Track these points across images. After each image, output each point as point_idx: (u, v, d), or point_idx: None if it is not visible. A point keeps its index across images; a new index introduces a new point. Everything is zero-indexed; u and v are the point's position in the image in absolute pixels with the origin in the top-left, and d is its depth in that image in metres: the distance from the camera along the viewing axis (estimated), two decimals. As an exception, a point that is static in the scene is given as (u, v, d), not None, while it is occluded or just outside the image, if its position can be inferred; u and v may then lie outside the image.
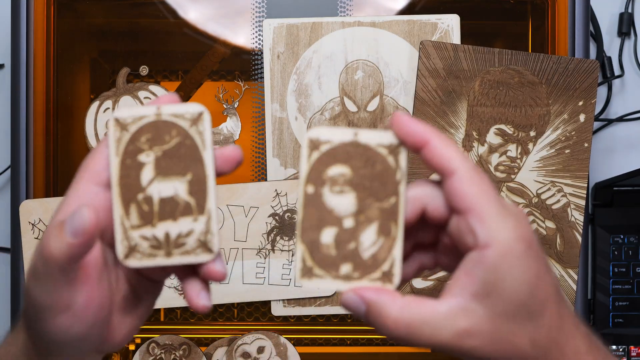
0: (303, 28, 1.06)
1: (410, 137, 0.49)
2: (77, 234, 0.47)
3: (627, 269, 1.10)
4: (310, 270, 0.50)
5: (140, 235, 0.50)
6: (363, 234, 0.50)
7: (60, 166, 1.09)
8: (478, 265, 0.47)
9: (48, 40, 1.07)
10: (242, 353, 1.06)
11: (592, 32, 1.15)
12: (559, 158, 1.06)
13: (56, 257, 0.47)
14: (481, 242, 0.47)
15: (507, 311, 0.47)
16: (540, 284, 0.48)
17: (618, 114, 1.18)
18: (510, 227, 0.47)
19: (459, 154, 0.49)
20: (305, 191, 0.50)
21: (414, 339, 0.48)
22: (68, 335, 0.49)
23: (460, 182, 0.48)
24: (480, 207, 0.47)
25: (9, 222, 1.07)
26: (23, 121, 1.05)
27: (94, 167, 0.51)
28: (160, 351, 1.06)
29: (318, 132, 0.50)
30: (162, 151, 0.51)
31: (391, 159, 0.50)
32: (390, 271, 0.50)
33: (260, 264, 1.06)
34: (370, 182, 0.50)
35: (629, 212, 1.11)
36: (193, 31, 1.07)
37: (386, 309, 0.48)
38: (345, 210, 0.50)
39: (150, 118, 0.51)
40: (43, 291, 0.48)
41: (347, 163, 0.50)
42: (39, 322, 0.49)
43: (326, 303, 1.06)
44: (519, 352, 0.48)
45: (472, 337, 0.47)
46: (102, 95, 1.07)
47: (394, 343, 1.09)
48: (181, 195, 0.51)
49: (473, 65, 1.05)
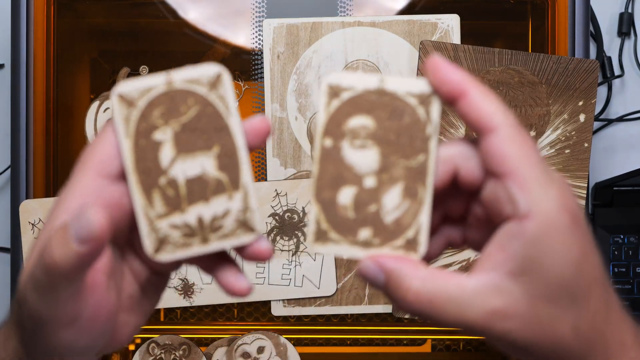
0: (303, 28, 1.06)
1: (446, 85, 0.43)
2: (84, 240, 0.40)
3: (627, 269, 1.10)
4: (324, 234, 0.44)
5: (169, 224, 0.44)
6: (386, 195, 0.44)
7: (60, 166, 1.08)
8: (516, 239, 0.41)
9: (48, 40, 1.07)
10: (242, 353, 1.06)
11: (592, 32, 1.15)
12: (559, 158, 1.06)
13: (61, 268, 0.40)
14: (521, 212, 0.41)
15: (548, 293, 0.41)
16: (587, 264, 0.42)
17: (618, 114, 1.18)
18: (554, 196, 0.41)
19: (501, 108, 0.42)
20: (323, 144, 0.44)
21: (438, 316, 0.42)
22: (73, 348, 0.44)
23: (500, 142, 0.42)
24: (523, 171, 0.41)
25: (9, 222, 1.07)
26: (23, 121, 1.05)
27: (99, 156, 0.44)
28: (160, 351, 1.06)
29: (339, 78, 0.44)
30: (180, 125, 0.44)
31: (422, 110, 0.44)
32: (415, 239, 0.44)
33: (260, 264, 1.06)
34: (396, 136, 0.44)
35: (629, 212, 1.11)
36: (193, 31, 1.07)
37: (407, 280, 0.42)
38: (366, 167, 0.44)
39: (160, 88, 0.44)
40: (45, 303, 0.42)
41: (370, 114, 0.44)
42: (38, 335, 0.44)
43: (326, 303, 1.06)
44: (559, 341, 0.42)
45: (506, 319, 0.41)
46: (102, 95, 1.07)
47: (394, 342, 1.09)
48: (210, 172, 0.44)
49: (473, 65, 1.05)
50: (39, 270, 0.42)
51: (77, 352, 0.44)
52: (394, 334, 1.08)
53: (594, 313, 0.43)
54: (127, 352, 1.09)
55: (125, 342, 0.48)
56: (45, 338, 0.44)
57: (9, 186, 1.10)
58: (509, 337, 0.42)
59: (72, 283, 0.42)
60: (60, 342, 0.43)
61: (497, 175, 0.42)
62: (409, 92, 0.44)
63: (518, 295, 0.41)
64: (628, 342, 0.44)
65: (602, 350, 0.43)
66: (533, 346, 0.42)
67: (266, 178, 1.06)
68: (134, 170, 0.44)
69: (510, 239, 0.42)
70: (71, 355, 0.45)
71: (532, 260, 0.41)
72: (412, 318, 1.05)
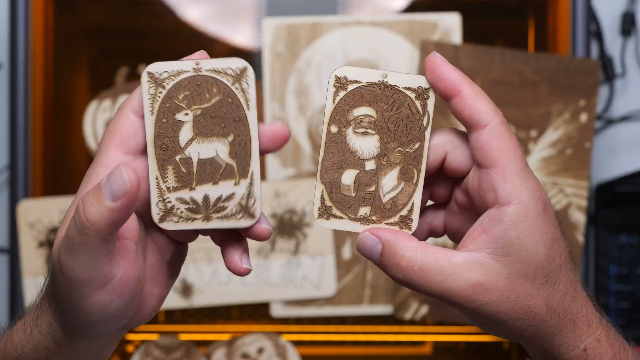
0: (303, 27, 1.05)
1: (443, 83, 0.48)
2: (117, 196, 0.43)
3: (629, 270, 1.09)
4: (329, 210, 0.50)
5: (177, 197, 0.48)
6: (384, 177, 0.49)
7: (59, 166, 1.08)
8: (497, 223, 0.47)
9: (47, 40, 1.07)
10: (242, 354, 1.05)
11: (594, 31, 1.15)
12: (560, 158, 1.06)
13: (96, 225, 0.43)
14: (503, 199, 0.46)
15: (526, 271, 0.47)
16: (557, 248, 0.48)
17: (620, 114, 1.17)
18: (531, 187, 0.47)
19: (491, 106, 0.47)
20: (329, 130, 0.49)
21: (426, 284, 0.47)
22: (106, 311, 0.46)
23: (489, 137, 0.47)
24: (506, 163, 0.47)
25: (7, 222, 1.06)
26: (21, 121, 1.05)
27: (121, 133, 0.48)
28: (159, 352, 1.06)
29: (346, 71, 0.49)
30: (201, 110, 0.48)
31: (419, 103, 0.49)
32: (409, 216, 0.50)
33: (260, 264, 1.06)
34: (395, 125, 0.49)
35: (630, 213, 1.10)
36: (192, 30, 1.07)
37: (402, 249, 0.48)
38: (368, 152, 0.49)
39: (188, 74, 0.48)
40: (81, 265, 0.44)
41: (373, 105, 0.49)
42: (74, 299, 0.46)
43: (326, 304, 1.06)
44: (534, 315, 0.47)
45: (487, 292, 0.47)
46: (101, 95, 1.07)
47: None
48: (223, 157, 0.49)
49: (474, 64, 1.05)
50: (74, 232, 0.44)
51: (110, 317, 0.47)
52: (395, 335, 1.08)
53: (564, 293, 0.48)
54: (125, 354, 1.08)
55: (150, 315, 0.50)
56: (80, 302, 0.46)
57: (7, 186, 1.10)
58: (487, 308, 0.47)
59: (106, 243, 0.44)
60: (94, 305, 0.46)
61: (482, 165, 0.47)
62: (409, 86, 0.49)
63: (499, 272, 0.47)
64: (594, 322, 0.49)
65: (571, 326, 0.48)
66: (510, 319, 0.47)
67: (266, 178, 1.05)
68: (153, 144, 0.48)
69: (493, 223, 0.47)
70: (103, 324, 0.47)
71: (512, 242, 0.46)
72: (412, 319, 1.05)
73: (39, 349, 0.49)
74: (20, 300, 1.06)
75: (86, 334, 0.48)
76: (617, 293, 1.09)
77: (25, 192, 1.05)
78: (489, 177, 0.47)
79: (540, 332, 0.48)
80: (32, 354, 0.49)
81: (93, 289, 0.45)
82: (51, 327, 0.48)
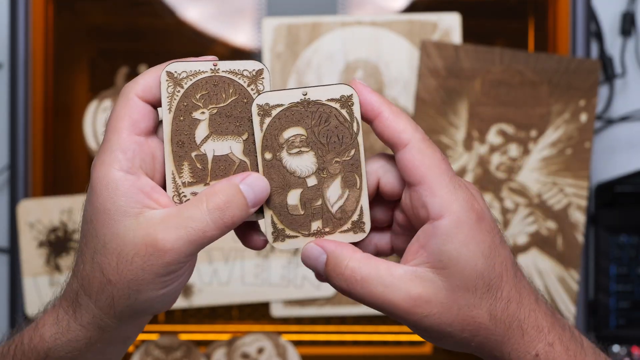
0: (303, 27, 1.05)
1: (363, 107, 0.50)
2: (256, 204, 0.49)
3: (629, 270, 1.09)
4: (282, 232, 0.51)
5: (191, 192, 0.50)
6: (328, 189, 0.51)
7: (59, 166, 1.08)
8: (432, 237, 0.47)
9: (47, 39, 1.07)
10: (242, 354, 1.05)
11: (594, 31, 1.15)
12: (560, 158, 1.06)
13: (236, 225, 0.48)
14: (434, 214, 0.47)
15: (466, 283, 0.47)
16: (496, 256, 0.48)
17: (620, 114, 1.17)
18: (461, 198, 0.48)
19: (410, 125, 0.49)
20: (264, 158, 0.50)
21: (368, 294, 0.48)
22: (182, 286, 0.50)
23: (411, 154, 0.48)
24: (431, 179, 0.48)
25: (7, 222, 1.06)
26: (21, 121, 1.05)
27: (132, 116, 0.49)
28: (159, 352, 1.06)
29: (266, 97, 0.50)
30: (217, 109, 0.50)
31: (345, 112, 0.50)
32: (360, 220, 0.51)
33: (260, 264, 1.06)
34: (327, 138, 0.50)
35: (630, 213, 1.10)
36: (192, 30, 1.07)
37: (346, 260, 0.49)
38: (306, 169, 0.51)
39: (205, 74, 0.50)
40: (192, 250, 0.49)
41: (300, 123, 0.50)
42: (169, 279, 0.49)
43: (326, 304, 1.06)
44: (479, 325, 0.48)
45: (427, 304, 0.47)
46: (101, 95, 1.07)
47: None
48: (236, 155, 0.51)
49: (474, 64, 1.05)
50: (210, 226, 0.48)
51: (179, 291, 0.50)
52: (395, 335, 1.08)
53: (507, 300, 0.48)
54: (126, 353, 1.08)
55: (173, 301, 0.52)
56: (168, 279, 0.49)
57: (7, 186, 1.10)
58: (428, 320, 0.47)
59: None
60: (161, 303, 0.50)
61: (411, 183, 0.49)
62: (331, 97, 0.50)
63: (439, 285, 0.47)
64: (545, 327, 0.49)
65: (519, 334, 0.48)
66: (454, 331, 0.48)
67: (266, 178, 1.05)
68: (169, 140, 0.50)
69: (428, 238, 0.48)
70: (172, 297, 0.50)
71: (449, 254, 0.47)
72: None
73: (79, 340, 0.50)
74: (20, 300, 1.06)
75: (134, 318, 0.50)
76: (617, 293, 1.09)
77: (25, 192, 1.05)
78: (418, 194, 0.48)
79: (488, 342, 0.48)
80: (66, 346, 0.50)
81: (188, 268, 0.50)
82: (95, 318, 0.50)
